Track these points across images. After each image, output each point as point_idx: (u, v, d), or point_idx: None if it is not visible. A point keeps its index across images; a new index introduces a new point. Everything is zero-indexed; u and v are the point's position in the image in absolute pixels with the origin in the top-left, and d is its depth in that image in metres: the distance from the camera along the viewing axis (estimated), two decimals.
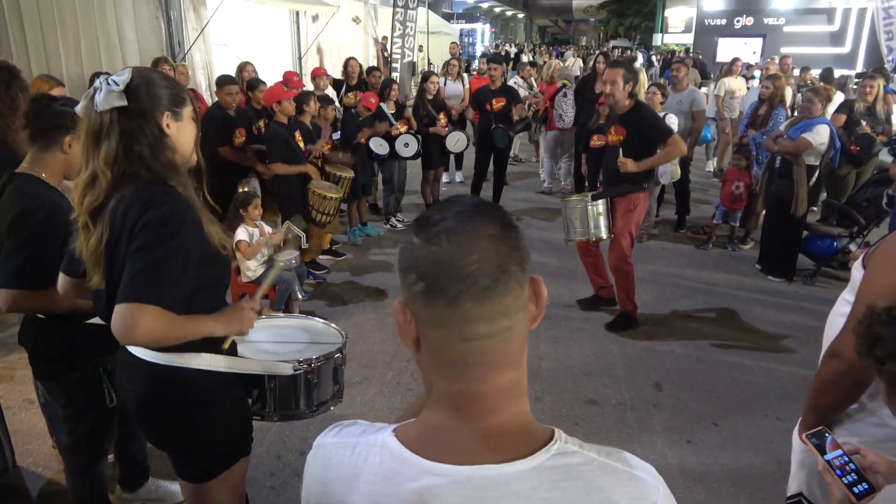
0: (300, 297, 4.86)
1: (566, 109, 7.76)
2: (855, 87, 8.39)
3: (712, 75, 13.65)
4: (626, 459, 0.81)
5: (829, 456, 1.41)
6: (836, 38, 20.46)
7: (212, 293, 1.77)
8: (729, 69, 9.26)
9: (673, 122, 6.14)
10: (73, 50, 6.98)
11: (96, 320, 2.08)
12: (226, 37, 9.43)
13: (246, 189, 5.35)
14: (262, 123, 5.62)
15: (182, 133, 1.73)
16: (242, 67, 6.59)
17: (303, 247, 5.25)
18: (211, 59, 8.78)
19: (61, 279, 1.89)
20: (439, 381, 0.82)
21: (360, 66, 7.83)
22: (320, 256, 5.88)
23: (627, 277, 4.65)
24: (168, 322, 1.56)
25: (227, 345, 1.84)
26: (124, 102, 1.61)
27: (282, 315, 2.59)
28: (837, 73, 10.13)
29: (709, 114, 9.03)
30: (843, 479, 1.38)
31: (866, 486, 1.37)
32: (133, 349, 1.75)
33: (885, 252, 1.59)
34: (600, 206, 4.51)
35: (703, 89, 9.25)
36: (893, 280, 1.51)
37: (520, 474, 0.76)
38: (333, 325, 2.46)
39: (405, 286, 0.80)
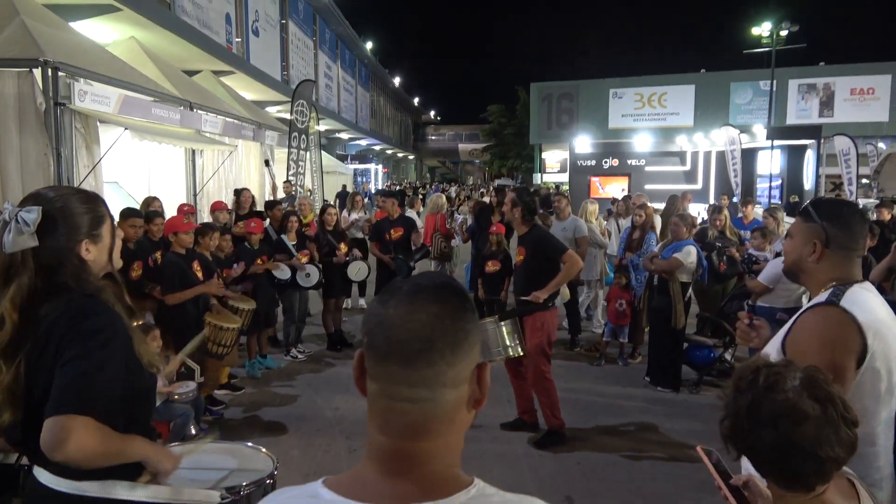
0: (193, 432, 4.57)
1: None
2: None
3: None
4: (537, 502, 0.91)
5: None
6: (690, 176, 23.10)
7: (140, 406, 1.70)
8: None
9: None
10: None
11: None
12: (118, 173, 9.33)
13: (141, 321, 5.13)
14: (158, 255, 5.52)
15: (101, 252, 1.68)
16: (149, 202, 6.70)
17: (197, 380, 5.01)
18: (101, 196, 8.59)
19: None
20: (372, 430, 0.91)
21: (254, 197, 8.00)
22: (217, 391, 5.60)
23: (549, 394, 4.81)
24: (102, 435, 1.49)
25: (143, 479, 1.75)
26: (35, 243, 1.54)
27: (209, 440, 2.46)
28: (694, 207, 11.12)
29: (610, 251, 9.20)
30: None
31: None
32: (45, 479, 1.61)
33: (807, 334, 1.82)
34: (509, 325, 4.63)
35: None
36: (819, 360, 1.65)
37: None
38: (264, 450, 2.35)
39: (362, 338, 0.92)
